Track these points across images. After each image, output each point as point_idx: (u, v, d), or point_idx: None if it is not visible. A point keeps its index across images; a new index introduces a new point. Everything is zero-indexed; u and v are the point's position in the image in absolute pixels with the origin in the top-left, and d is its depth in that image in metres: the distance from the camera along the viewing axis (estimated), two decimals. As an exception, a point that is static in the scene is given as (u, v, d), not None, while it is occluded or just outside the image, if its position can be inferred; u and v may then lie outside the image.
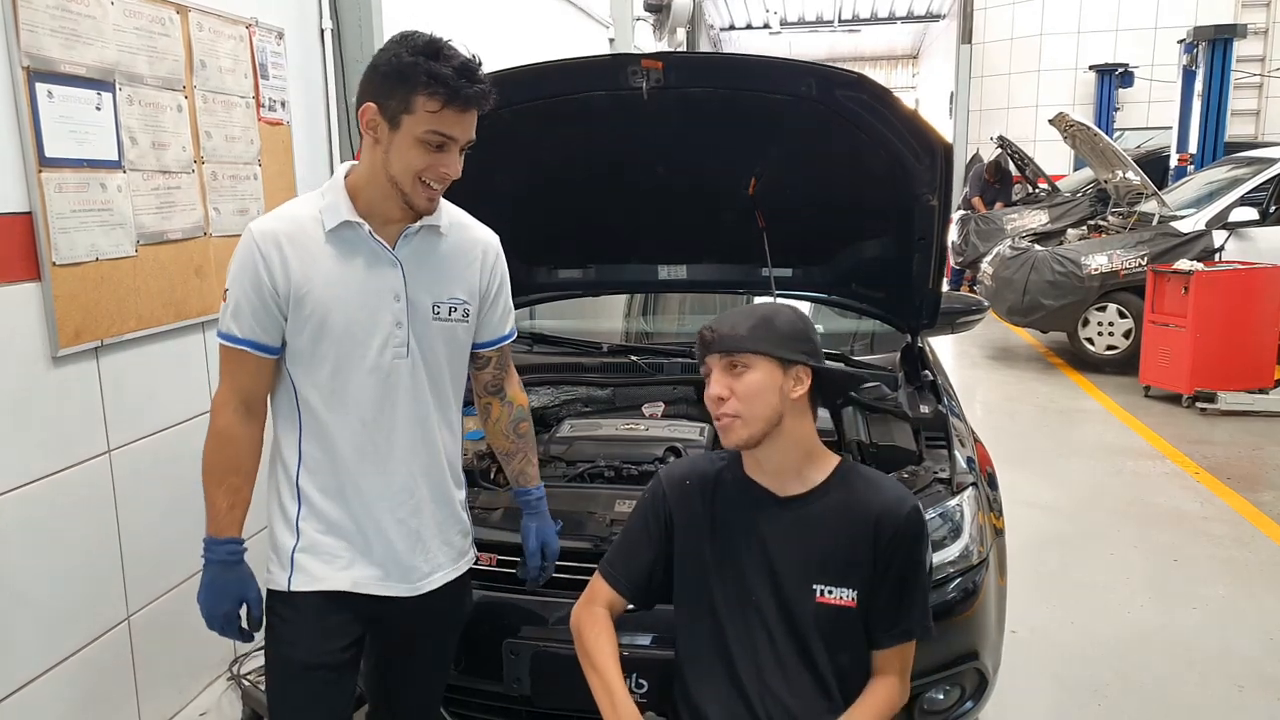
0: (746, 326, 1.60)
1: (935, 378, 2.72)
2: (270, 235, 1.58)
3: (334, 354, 1.62)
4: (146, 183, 2.48)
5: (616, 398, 2.85)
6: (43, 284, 2.18)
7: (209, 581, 1.65)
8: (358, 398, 1.64)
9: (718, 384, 1.60)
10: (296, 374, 1.65)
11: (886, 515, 1.59)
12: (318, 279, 1.59)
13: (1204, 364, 5.95)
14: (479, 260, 1.78)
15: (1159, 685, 2.92)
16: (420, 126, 1.51)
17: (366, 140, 1.58)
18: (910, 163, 2.26)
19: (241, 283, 1.59)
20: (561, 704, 2.02)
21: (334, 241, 1.60)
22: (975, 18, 13.43)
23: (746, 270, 2.86)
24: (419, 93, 1.49)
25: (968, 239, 10.10)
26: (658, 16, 8.96)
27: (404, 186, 1.56)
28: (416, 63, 1.48)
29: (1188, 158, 9.19)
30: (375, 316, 1.63)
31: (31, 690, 2.19)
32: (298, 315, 1.60)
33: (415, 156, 1.53)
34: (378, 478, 1.68)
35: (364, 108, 1.54)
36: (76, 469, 2.30)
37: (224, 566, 1.64)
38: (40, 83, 2.14)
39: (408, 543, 1.72)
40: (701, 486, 1.70)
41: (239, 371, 1.63)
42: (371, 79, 1.55)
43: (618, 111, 2.33)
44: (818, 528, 1.61)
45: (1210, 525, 4.17)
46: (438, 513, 1.76)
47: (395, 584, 1.72)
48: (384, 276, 1.63)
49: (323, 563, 1.67)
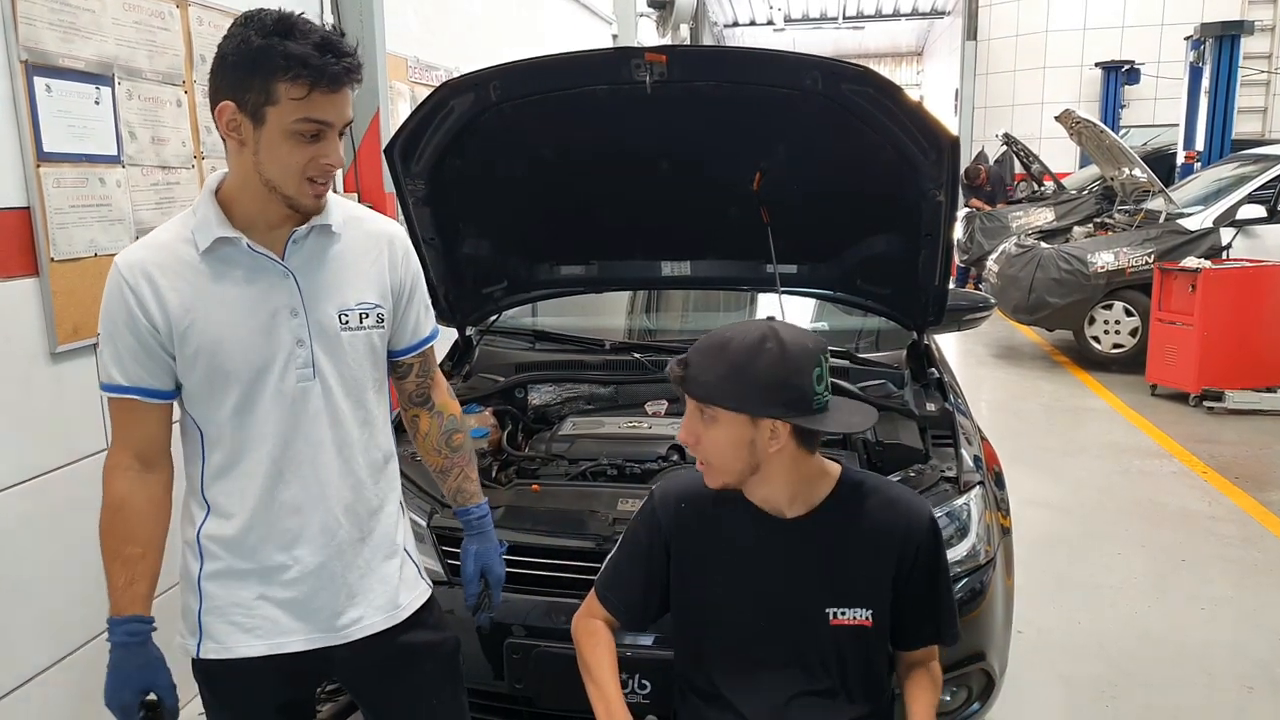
0: (716, 373, 1.42)
1: (941, 375, 2.70)
2: (137, 267, 1.38)
3: (233, 388, 1.42)
4: (146, 178, 2.46)
5: (619, 396, 2.83)
6: (41, 280, 2.17)
7: (111, 666, 1.44)
8: (262, 431, 1.44)
9: (686, 428, 1.49)
10: (197, 414, 1.45)
11: (907, 532, 1.51)
12: (199, 308, 1.39)
13: (1211, 362, 5.91)
14: (385, 255, 1.55)
15: (1167, 686, 2.89)
16: (288, 117, 1.31)
17: (230, 145, 1.37)
18: (916, 157, 2.23)
19: (115, 324, 1.39)
20: (563, 704, 2.00)
21: (211, 262, 1.40)
22: (980, 14, 13.40)
23: (751, 267, 2.83)
24: (279, 79, 1.28)
25: (973, 236, 10.06)
26: (661, 13, 8.95)
27: (286, 189, 1.36)
28: (270, 45, 1.28)
29: (1194, 155, 9.16)
30: (272, 338, 1.42)
31: (33, 686, 2.18)
32: (184, 352, 1.40)
33: (290, 152, 1.33)
34: (292, 519, 1.47)
35: (220, 107, 1.33)
36: (75, 465, 2.29)
37: (125, 650, 1.43)
38: (39, 76, 2.13)
39: (330, 590, 1.50)
40: (699, 509, 1.58)
41: (130, 423, 1.44)
42: (221, 73, 1.33)
43: (621, 106, 2.31)
44: (826, 548, 1.52)
45: (1218, 525, 4.14)
46: (365, 552, 1.54)
47: (318, 635, 1.51)
48: (275, 291, 1.42)
49: (233, 626, 1.48)
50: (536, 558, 2.07)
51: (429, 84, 4.24)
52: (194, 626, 1.49)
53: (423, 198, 2.50)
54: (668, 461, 2.38)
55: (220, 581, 1.48)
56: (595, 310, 3.41)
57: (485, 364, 2.94)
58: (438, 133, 2.36)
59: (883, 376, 2.72)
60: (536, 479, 2.34)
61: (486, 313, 2.99)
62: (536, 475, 2.38)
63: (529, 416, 2.79)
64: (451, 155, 2.42)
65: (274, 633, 1.49)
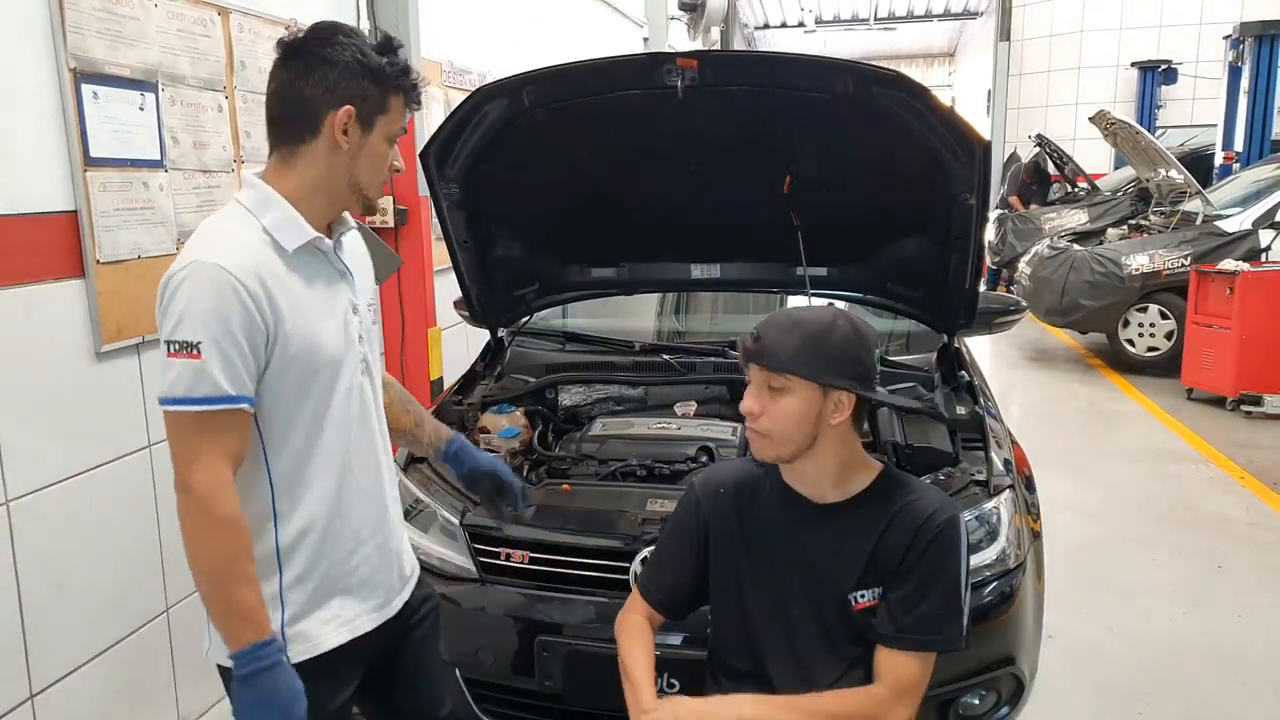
0: (793, 344, 1.49)
1: (972, 378, 2.69)
2: (249, 269, 1.36)
3: (317, 387, 1.46)
4: (187, 181, 2.52)
5: (648, 397, 2.85)
6: (87, 281, 2.23)
7: (262, 699, 1.35)
8: (337, 428, 1.49)
9: (753, 398, 1.53)
10: (270, 421, 1.43)
11: (921, 519, 1.52)
12: (299, 309, 1.42)
13: (1250, 366, 5.82)
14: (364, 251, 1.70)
15: (1202, 694, 2.86)
16: (392, 125, 1.48)
17: (321, 144, 1.43)
18: (947, 161, 2.23)
19: (229, 329, 1.33)
20: (594, 702, 2.03)
21: (296, 264, 1.44)
22: (1014, 14, 13.25)
23: (781, 269, 2.84)
24: (392, 93, 1.46)
25: (1005, 238, 9.96)
26: (692, 15, 8.95)
27: (372, 189, 1.50)
28: (387, 63, 1.46)
29: (1233, 156, 9.01)
30: (347, 336, 1.51)
31: (73, 680, 2.23)
32: (284, 354, 1.41)
33: (383, 156, 1.50)
34: (365, 508, 1.55)
35: (344, 110, 1.41)
36: (118, 463, 2.35)
37: (279, 670, 1.37)
38: (86, 84, 2.19)
39: (386, 564, 1.60)
40: (737, 494, 1.64)
41: (231, 437, 1.37)
42: (342, 80, 1.41)
43: (652, 110, 2.33)
44: (856, 536, 1.55)
45: (1256, 532, 4.07)
46: (399, 524, 1.68)
47: (381, 611, 1.59)
48: (341, 292, 1.52)
49: (316, 623, 1.50)
50: (566, 556, 2.10)
51: (463, 88, 4.28)
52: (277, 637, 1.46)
53: (457, 201, 2.54)
54: (696, 462, 2.39)
55: (302, 587, 1.49)
56: (625, 312, 3.42)
57: (516, 365, 2.97)
58: (472, 137, 2.39)
59: (913, 379, 2.71)
60: (567, 479, 2.37)
61: (518, 314, 3.02)
62: (567, 475, 2.41)
63: (559, 417, 2.81)
64: (485, 159, 2.45)
65: (351, 618, 1.55)
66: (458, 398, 2.75)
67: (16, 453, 2.06)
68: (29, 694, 2.11)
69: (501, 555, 2.13)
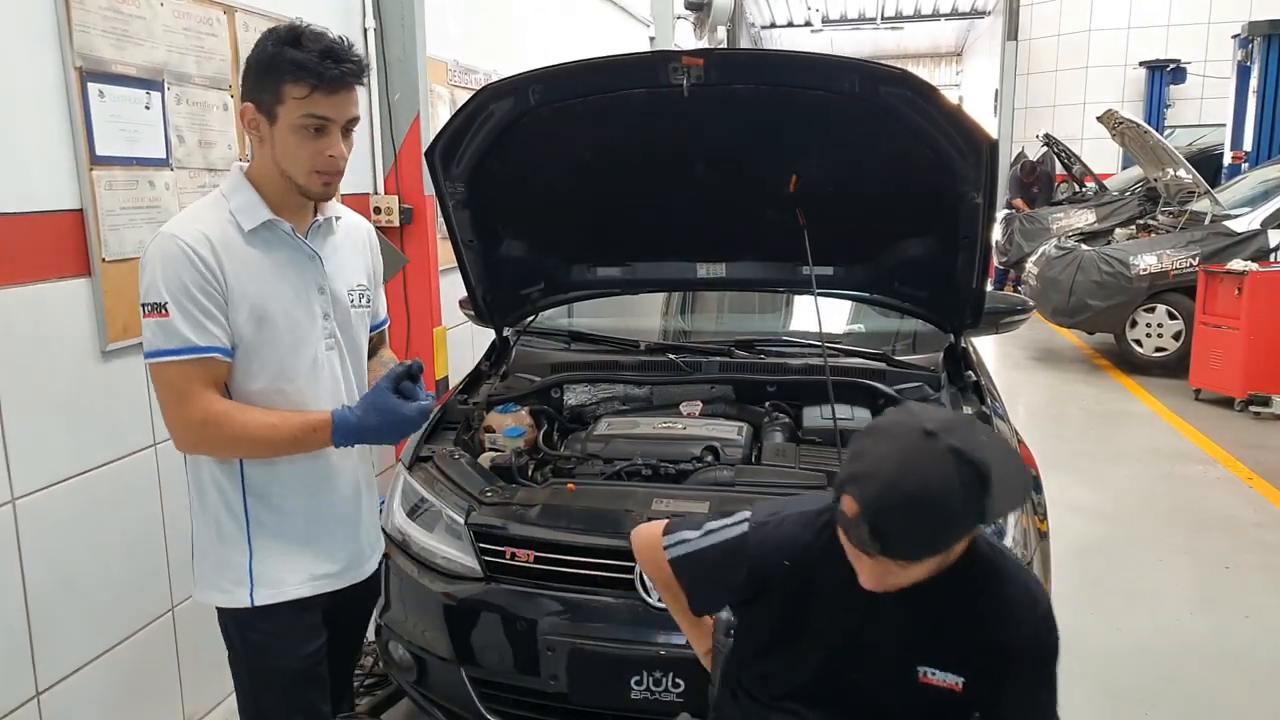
0: (920, 536, 1.27)
1: (979, 379, 2.68)
2: (201, 239, 1.55)
3: (275, 354, 1.62)
4: (193, 180, 2.52)
5: (654, 396, 2.85)
6: (93, 280, 2.23)
7: (374, 423, 1.60)
8: (303, 394, 1.65)
9: (874, 579, 1.34)
10: (234, 382, 1.62)
11: (1017, 617, 1.40)
12: (248, 277, 1.58)
13: (1258, 366, 5.80)
14: (365, 244, 1.85)
15: (1209, 695, 2.84)
16: (293, 114, 1.53)
17: (252, 141, 1.61)
18: (954, 160, 2.22)
19: (183, 288, 1.52)
20: (597, 701, 2.02)
21: (254, 241, 1.60)
22: (1021, 14, 13.19)
23: (787, 268, 2.83)
24: (285, 81, 1.52)
25: (1012, 238, 9.94)
26: (698, 15, 8.94)
27: (297, 178, 1.58)
28: (280, 53, 1.52)
29: (1242, 155, 8.97)
30: (309, 310, 1.66)
31: (78, 678, 2.23)
32: (235, 320, 1.58)
33: (298, 145, 1.55)
34: (327, 473, 1.71)
35: (243, 109, 1.58)
36: (124, 461, 2.35)
37: (361, 407, 1.63)
38: (92, 83, 2.19)
39: (352, 531, 1.79)
40: (802, 564, 1.47)
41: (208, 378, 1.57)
42: (246, 79, 1.58)
43: (658, 109, 2.32)
44: (934, 611, 1.41)
45: (1264, 532, 4.05)
46: (368, 495, 1.84)
47: (350, 574, 1.78)
48: (306, 270, 1.67)
49: (282, 572, 1.68)
50: (571, 555, 2.09)
51: (468, 87, 4.28)
52: (242, 578, 1.66)
53: (462, 200, 2.54)
54: (701, 462, 2.39)
55: (269, 536, 1.67)
56: (630, 311, 3.42)
57: (522, 364, 2.97)
58: (478, 136, 2.39)
59: (919, 379, 2.71)
60: (572, 478, 2.37)
61: (523, 314, 3.01)
62: (572, 474, 2.41)
63: (565, 416, 2.81)
64: (491, 158, 2.45)
65: (317, 574, 1.71)
66: (463, 397, 2.75)
67: (22, 451, 2.06)
68: (35, 691, 2.12)
69: (507, 554, 2.13)
